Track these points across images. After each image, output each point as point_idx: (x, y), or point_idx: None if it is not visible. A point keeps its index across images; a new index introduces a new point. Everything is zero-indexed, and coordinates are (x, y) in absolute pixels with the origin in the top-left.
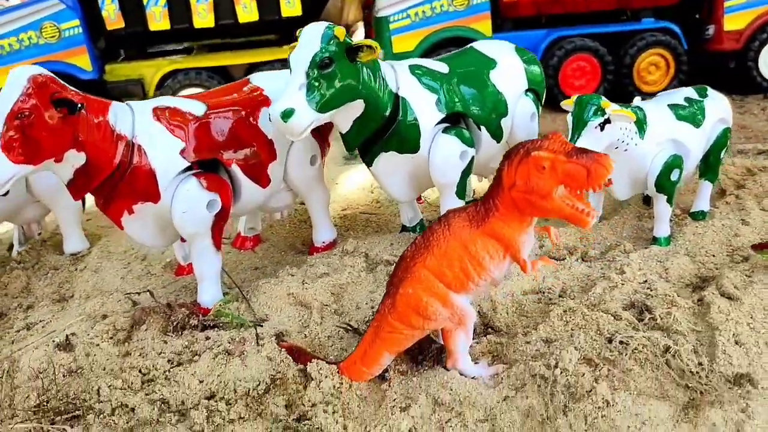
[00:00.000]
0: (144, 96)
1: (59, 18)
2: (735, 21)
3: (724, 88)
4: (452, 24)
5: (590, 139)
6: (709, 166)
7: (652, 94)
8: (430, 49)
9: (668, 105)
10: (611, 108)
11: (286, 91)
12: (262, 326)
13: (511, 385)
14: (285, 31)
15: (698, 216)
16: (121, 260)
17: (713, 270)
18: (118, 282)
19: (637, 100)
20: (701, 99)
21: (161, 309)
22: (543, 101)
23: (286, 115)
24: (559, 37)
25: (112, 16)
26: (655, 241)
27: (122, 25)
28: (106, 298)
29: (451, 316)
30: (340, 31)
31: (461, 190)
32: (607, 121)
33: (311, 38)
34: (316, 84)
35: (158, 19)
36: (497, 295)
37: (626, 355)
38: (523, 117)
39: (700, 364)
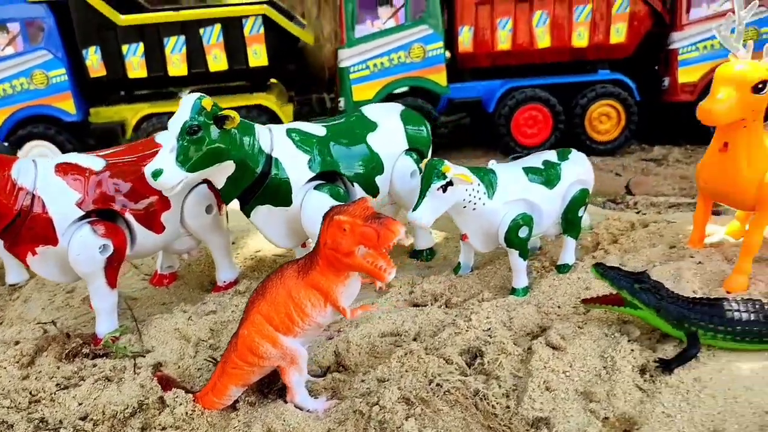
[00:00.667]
0: (123, 136)
1: (48, 66)
2: (689, 74)
3: (681, 137)
4: (409, 75)
5: (435, 199)
6: (568, 223)
7: (603, 143)
8: (388, 98)
9: (523, 168)
10: (452, 172)
11: (160, 153)
12: (144, 356)
13: (335, 419)
14: (253, 79)
15: (562, 269)
16: (50, 292)
17: (554, 320)
18: (39, 312)
19: (491, 163)
20: (559, 162)
21: (61, 338)
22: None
23: (155, 174)
24: (512, 88)
25: (95, 65)
26: (513, 291)
27: (104, 73)
28: (24, 326)
29: (282, 355)
30: (207, 102)
31: None
32: (450, 183)
33: (185, 108)
34: (185, 148)
35: (136, 68)
36: (355, 336)
37: (439, 396)
38: (401, 174)
39: (507, 407)
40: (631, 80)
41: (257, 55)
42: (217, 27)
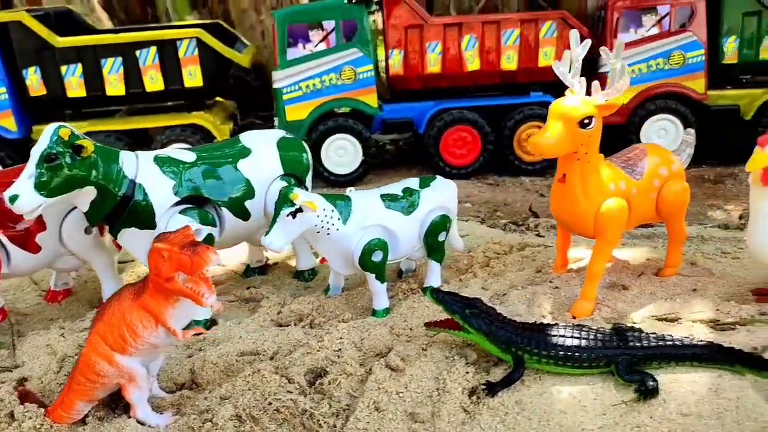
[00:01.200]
0: None
1: None
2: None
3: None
4: (340, 96)
5: (285, 225)
6: (430, 248)
7: (533, 164)
8: (320, 118)
9: (381, 195)
10: (300, 199)
11: (19, 178)
12: (11, 371)
13: None
14: (190, 99)
15: (427, 292)
16: None
17: (402, 342)
18: None
19: (349, 190)
20: (419, 189)
21: None
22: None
23: (12, 199)
24: (442, 109)
25: (35, 85)
26: (373, 312)
27: (44, 92)
28: None
29: (119, 374)
30: (64, 132)
31: None
32: (300, 210)
33: (44, 137)
34: (42, 174)
35: (75, 87)
36: (212, 355)
37: (269, 414)
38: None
39: (333, 426)
40: None
41: (192, 76)
42: (153, 49)
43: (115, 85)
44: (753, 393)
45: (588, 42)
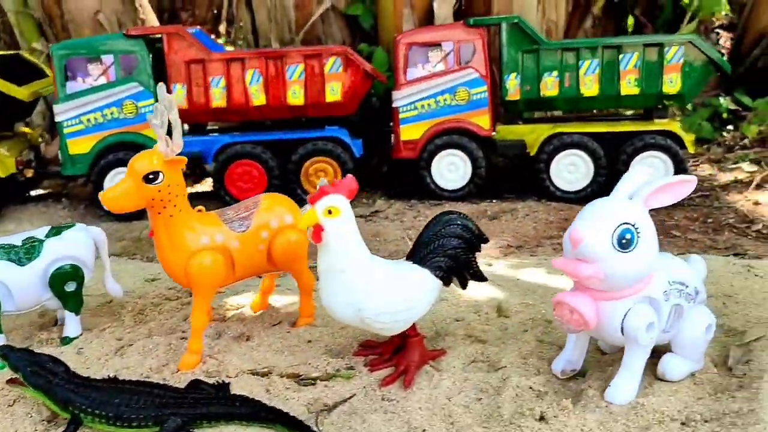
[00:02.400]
0: None
1: None
2: (410, 132)
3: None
4: (124, 130)
5: None
6: (60, 298)
7: None
8: (104, 151)
9: None
10: None
11: None
12: None
13: None
14: None
15: (64, 341)
16: None
17: None
18: None
19: None
20: (44, 239)
21: None
22: None
23: None
24: (227, 143)
25: None
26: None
27: None
28: None
29: None
30: None
31: None
32: None
33: None
34: None
35: None
36: None
37: None
38: None
39: None
40: (357, 137)
41: None
42: None
43: None
44: None
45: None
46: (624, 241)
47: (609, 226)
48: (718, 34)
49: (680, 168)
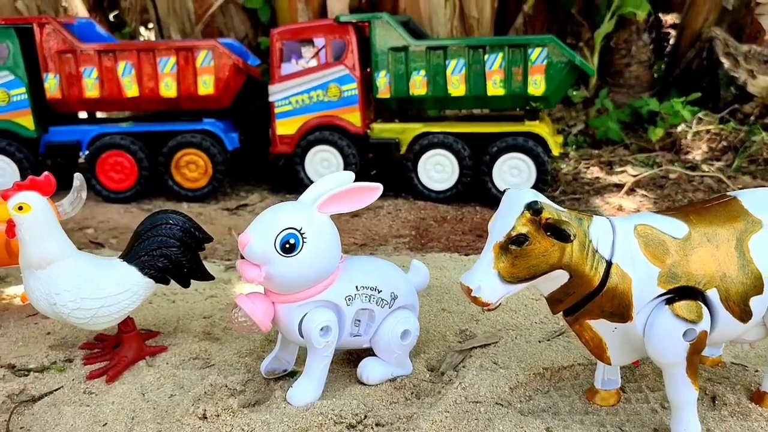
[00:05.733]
0: None
1: None
2: (285, 126)
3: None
4: None
5: None
6: None
7: (192, 190)
8: None
9: None
10: None
11: None
12: None
13: None
14: None
15: None
16: None
17: None
18: None
19: None
20: None
21: None
22: None
23: None
24: (100, 134)
25: None
26: None
27: None
28: None
29: None
30: None
31: None
32: None
33: None
34: None
35: None
36: None
37: None
38: None
39: None
40: (236, 131)
41: None
42: None
43: None
44: None
45: None
46: (288, 245)
47: (273, 230)
48: (668, 34)
49: (541, 170)
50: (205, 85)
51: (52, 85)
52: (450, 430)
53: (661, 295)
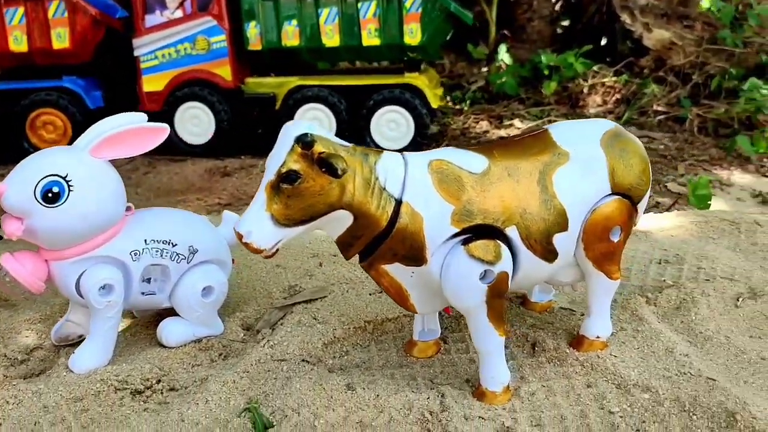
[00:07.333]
0: None
1: None
2: (152, 82)
3: None
4: None
5: None
6: None
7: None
8: None
9: None
10: None
11: None
12: None
13: None
14: None
15: None
16: None
17: None
18: None
19: None
20: None
21: None
22: None
23: None
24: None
25: None
26: None
27: None
28: None
29: None
30: None
31: None
32: None
33: None
34: None
35: None
36: None
37: None
38: None
39: None
40: (99, 89)
41: None
42: None
43: None
44: None
45: None
46: (50, 194)
47: (33, 178)
48: None
49: (419, 123)
50: (60, 39)
51: None
52: (243, 391)
53: (457, 235)
